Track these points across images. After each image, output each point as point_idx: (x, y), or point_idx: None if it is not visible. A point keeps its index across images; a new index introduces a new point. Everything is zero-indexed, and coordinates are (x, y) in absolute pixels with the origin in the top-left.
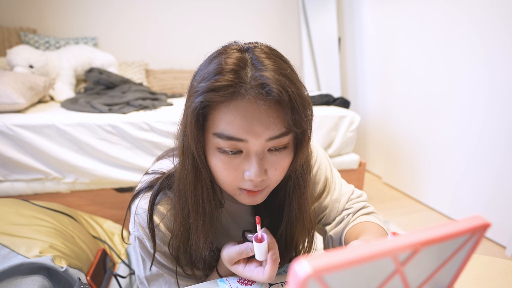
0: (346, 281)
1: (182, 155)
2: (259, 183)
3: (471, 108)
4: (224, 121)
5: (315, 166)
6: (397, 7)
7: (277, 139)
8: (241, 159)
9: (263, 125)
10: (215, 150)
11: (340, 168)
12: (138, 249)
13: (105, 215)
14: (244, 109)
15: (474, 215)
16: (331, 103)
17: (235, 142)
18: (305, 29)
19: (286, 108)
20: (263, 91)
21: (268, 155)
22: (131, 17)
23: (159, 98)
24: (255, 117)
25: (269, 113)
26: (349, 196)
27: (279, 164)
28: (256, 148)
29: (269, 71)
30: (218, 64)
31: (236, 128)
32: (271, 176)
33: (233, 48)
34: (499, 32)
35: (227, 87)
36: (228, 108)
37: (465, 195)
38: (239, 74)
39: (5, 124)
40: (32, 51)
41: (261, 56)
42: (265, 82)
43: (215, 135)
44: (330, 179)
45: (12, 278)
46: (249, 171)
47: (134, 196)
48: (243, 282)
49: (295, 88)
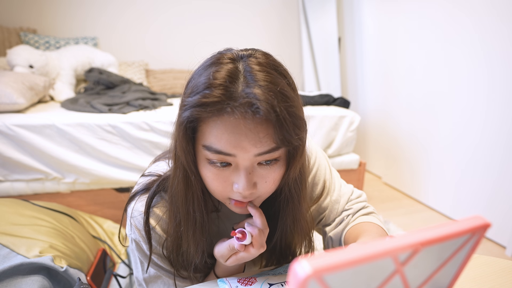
0: (346, 281)
1: (175, 163)
2: (248, 195)
3: (472, 108)
4: (212, 135)
5: (314, 167)
6: (397, 7)
7: (266, 154)
8: (230, 171)
9: (250, 142)
10: (205, 161)
11: (340, 168)
12: (135, 252)
13: (105, 215)
14: (231, 125)
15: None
16: (331, 103)
17: (223, 156)
18: (305, 29)
19: (275, 126)
20: (251, 110)
21: (257, 168)
22: (131, 17)
23: (159, 98)
24: (242, 134)
25: (257, 130)
26: (348, 197)
27: (269, 177)
28: (244, 163)
29: (259, 87)
30: (207, 78)
31: (224, 143)
32: (261, 188)
33: (226, 58)
34: (500, 32)
35: (215, 103)
36: (216, 122)
37: (465, 195)
38: (229, 89)
39: (5, 124)
40: (32, 51)
41: (254, 68)
42: (253, 101)
43: (204, 147)
44: (329, 180)
45: (12, 278)
46: (237, 183)
47: (130, 199)
48: (243, 282)
49: (285, 107)
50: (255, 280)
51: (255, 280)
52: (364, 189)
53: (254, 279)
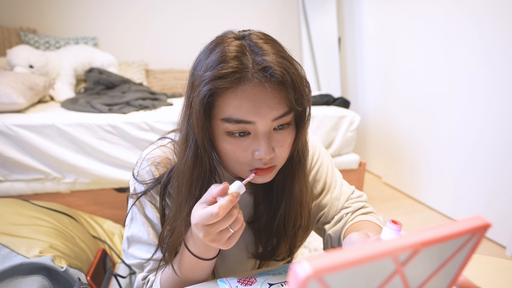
0: (346, 282)
1: (185, 144)
2: (268, 160)
3: (471, 108)
4: (231, 106)
5: (317, 164)
6: (397, 6)
7: (281, 118)
8: (249, 140)
9: (269, 106)
10: (224, 134)
11: (340, 168)
12: (135, 210)
13: (105, 215)
14: (250, 92)
15: (475, 216)
16: (331, 103)
17: (243, 124)
18: (305, 29)
19: (289, 88)
20: (267, 74)
21: (274, 134)
22: (131, 17)
23: (159, 98)
24: (261, 100)
25: (274, 94)
26: (348, 195)
27: (284, 141)
28: (263, 129)
29: (269, 55)
30: (221, 53)
31: (244, 111)
32: (278, 154)
33: (230, 37)
34: (500, 32)
35: (233, 73)
36: (235, 93)
37: (465, 195)
38: (242, 60)
39: (5, 124)
40: (32, 51)
41: (259, 42)
42: (268, 65)
43: (224, 120)
44: (330, 178)
45: (12, 278)
46: (258, 150)
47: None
48: (243, 282)
49: (295, 69)
50: (255, 280)
51: (255, 280)
52: (364, 189)
53: (254, 279)
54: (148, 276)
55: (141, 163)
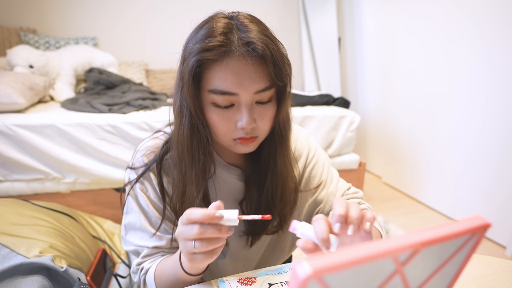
0: (347, 282)
1: (179, 115)
2: (250, 130)
3: (471, 108)
4: (217, 78)
5: (312, 161)
6: (397, 6)
7: (262, 93)
8: (233, 111)
9: (251, 79)
10: (211, 105)
11: (340, 168)
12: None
13: (105, 215)
14: (234, 66)
15: (475, 216)
16: (331, 103)
17: (228, 96)
18: (305, 29)
19: (269, 63)
20: (250, 48)
21: (256, 106)
22: (131, 17)
23: (159, 98)
24: (243, 73)
25: (255, 68)
26: (344, 191)
27: (265, 114)
28: (246, 100)
29: (253, 32)
30: (209, 28)
31: (229, 83)
32: (259, 125)
33: (219, 16)
34: (500, 31)
35: (219, 47)
36: (220, 66)
37: (465, 195)
38: (228, 36)
39: (5, 124)
40: (32, 51)
41: (245, 21)
42: (251, 41)
43: (210, 91)
44: (326, 175)
45: (12, 278)
46: (241, 120)
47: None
48: (243, 282)
49: (275, 46)
50: (255, 280)
51: (255, 280)
52: (364, 189)
53: (254, 279)
54: (142, 264)
55: (135, 155)
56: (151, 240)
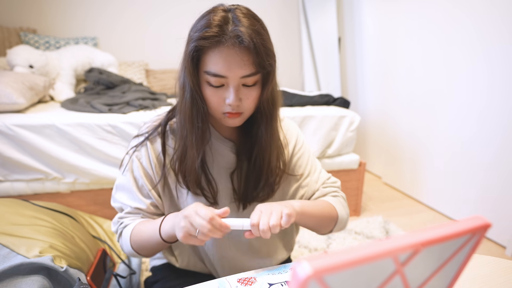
0: (347, 282)
1: (182, 89)
2: (236, 107)
3: (472, 108)
4: (211, 62)
5: (299, 152)
6: (397, 6)
7: (248, 77)
8: (223, 90)
9: (238, 65)
10: (206, 83)
11: (340, 168)
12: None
13: (105, 215)
14: (225, 53)
15: (475, 216)
16: (331, 103)
17: (219, 78)
18: (305, 29)
19: (253, 53)
20: (238, 40)
21: (242, 88)
22: (131, 17)
23: (159, 98)
24: (232, 60)
25: (242, 57)
26: (324, 180)
27: (250, 95)
28: (233, 82)
29: (244, 26)
30: (207, 20)
31: (220, 67)
32: (244, 104)
33: (219, 9)
34: (499, 31)
35: (214, 37)
36: (214, 52)
37: (465, 195)
38: (222, 28)
39: (5, 124)
40: (32, 51)
41: (240, 16)
42: (239, 34)
43: (205, 72)
44: (310, 165)
45: (12, 278)
46: (228, 98)
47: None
48: (243, 282)
49: (260, 40)
50: (255, 280)
51: (255, 280)
52: (364, 189)
53: (254, 278)
54: (124, 219)
55: (141, 127)
56: (134, 202)
